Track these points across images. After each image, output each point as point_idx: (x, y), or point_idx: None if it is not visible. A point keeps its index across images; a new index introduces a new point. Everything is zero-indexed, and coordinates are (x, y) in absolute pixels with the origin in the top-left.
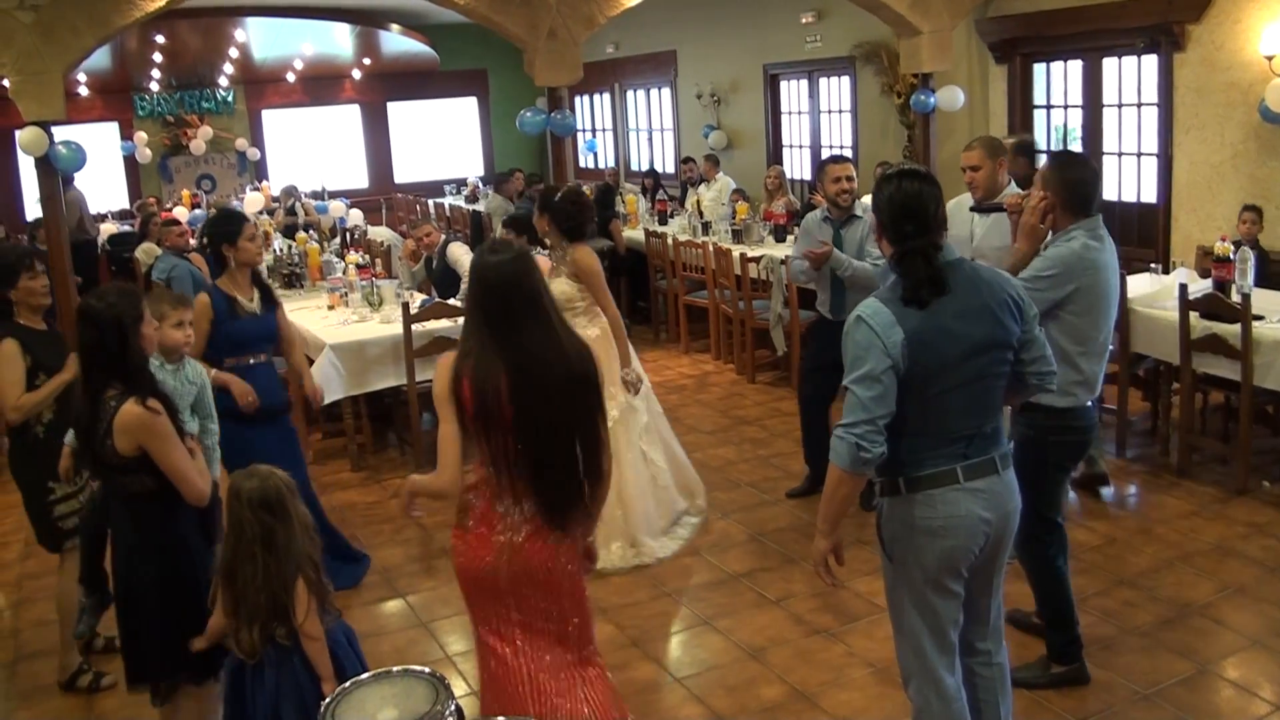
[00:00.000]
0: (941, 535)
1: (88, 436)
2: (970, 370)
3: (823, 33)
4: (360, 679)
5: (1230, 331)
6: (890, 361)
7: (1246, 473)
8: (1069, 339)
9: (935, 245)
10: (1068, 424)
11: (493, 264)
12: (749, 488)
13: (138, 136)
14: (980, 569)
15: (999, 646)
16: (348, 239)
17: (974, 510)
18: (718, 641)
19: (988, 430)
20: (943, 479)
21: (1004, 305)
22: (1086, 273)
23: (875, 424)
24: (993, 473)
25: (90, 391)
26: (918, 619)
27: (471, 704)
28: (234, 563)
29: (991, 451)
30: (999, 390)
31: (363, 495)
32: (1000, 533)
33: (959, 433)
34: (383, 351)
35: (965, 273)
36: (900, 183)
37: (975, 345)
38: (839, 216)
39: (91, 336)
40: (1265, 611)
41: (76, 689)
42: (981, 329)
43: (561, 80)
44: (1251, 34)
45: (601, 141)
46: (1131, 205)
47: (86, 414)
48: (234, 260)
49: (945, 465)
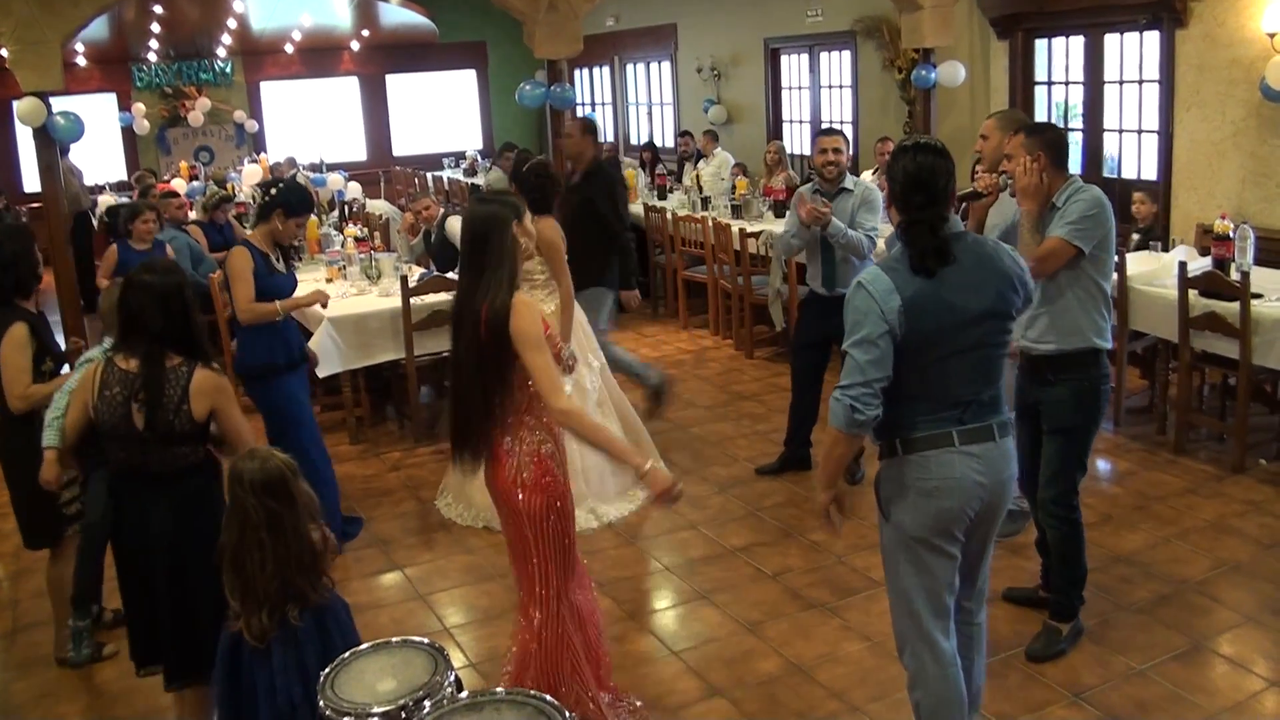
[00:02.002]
0: (936, 496)
1: (154, 408)
2: (968, 339)
3: (824, 7)
4: (359, 649)
5: (1229, 309)
6: (887, 327)
7: (1243, 450)
8: (1104, 277)
9: (942, 217)
10: (1108, 370)
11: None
12: (746, 462)
13: (136, 108)
14: (975, 533)
15: (980, 607)
16: (346, 212)
17: (968, 473)
18: (714, 615)
19: (985, 398)
20: (938, 441)
21: (1004, 278)
22: (1110, 212)
23: (870, 387)
24: (989, 439)
25: (153, 363)
26: (913, 581)
27: (470, 676)
28: (240, 550)
29: (989, 419)
30: (997, 360)
31: (361, 468)
32: (995, 498)
33: (956, 399)
34: (381, 325)
35: (967, 245)
36: (915, 155)
37: (973, 315)
38: (828, 189)
39: (156, 309)
40: (1260, 588)
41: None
42: (980, 300)
43: (561, 53)
44: (1254, 11)
45: (601, 115)
46: (1132, 182)
47: (154, 385)
48: (278, 226)
49: (941, 429)
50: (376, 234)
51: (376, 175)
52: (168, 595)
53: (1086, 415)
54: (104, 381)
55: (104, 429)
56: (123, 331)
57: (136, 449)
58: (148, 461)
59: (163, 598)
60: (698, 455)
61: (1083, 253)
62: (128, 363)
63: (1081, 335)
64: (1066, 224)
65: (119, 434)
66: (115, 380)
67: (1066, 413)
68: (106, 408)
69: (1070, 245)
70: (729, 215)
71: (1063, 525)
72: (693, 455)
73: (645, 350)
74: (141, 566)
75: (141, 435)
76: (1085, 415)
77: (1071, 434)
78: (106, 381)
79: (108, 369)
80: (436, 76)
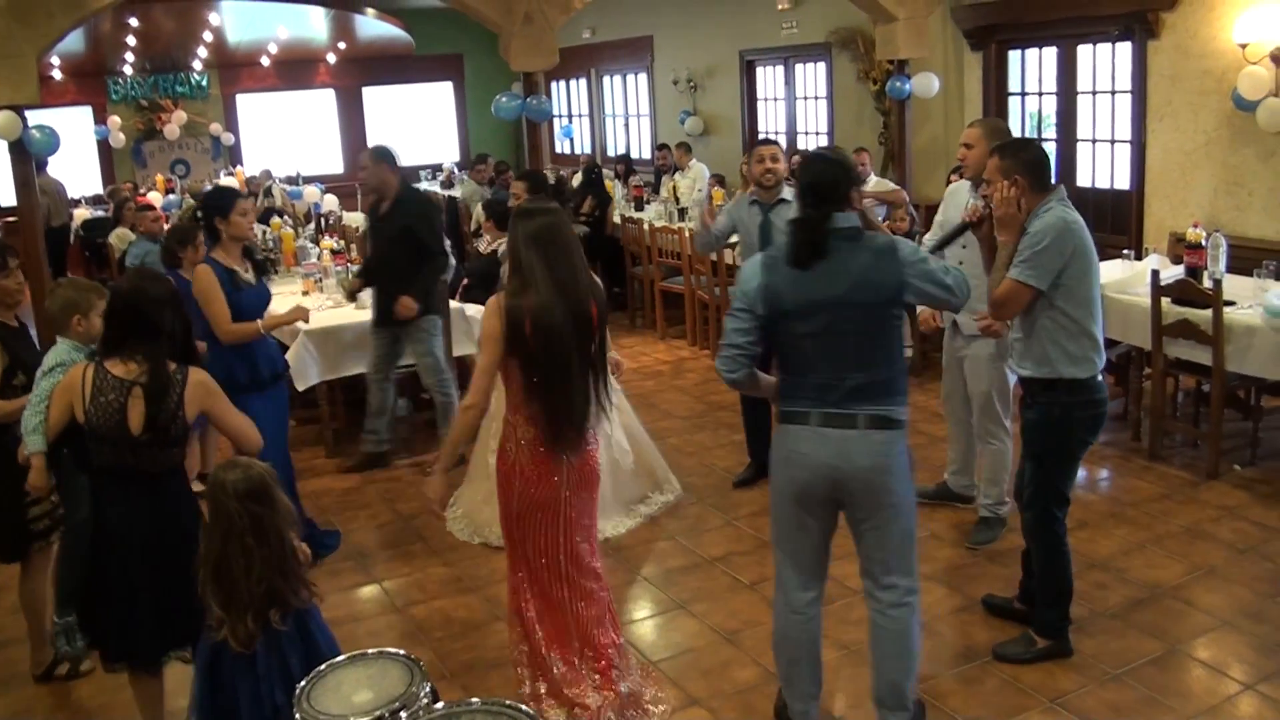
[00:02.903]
0: (789, 465)
1: (157, 412)
2: (817, 324)
3: (799, 19)
4: (335, 661)
5: (1202, 317)
6: (746, 303)
7: (1217, 456)
8: (1076, 306)
9: (825, 217)
10: (1090, 397)
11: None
12: (724, 473)
13: (111, 121)
14: (855, 513)
15: (896, 600)
16: (322, 224)
17: (819, 453)
18: (692, 625)
19: (854, 385)
20: (799, 418)
21: (886, 269)
22: (1075, 234)
23: (732, 350)
24: (850, 428)
25: (159, 369)
26: (778, 533)
27: (446, 687)
28: (224, 557)
29: (858, 408)
30: (868, 349)
31: (338, 481)
32: (855, 484)
33: (817, 380)
34: (358, 337)
35: (850, 239)
36: (810, 164)
37: (823, 300)
38: (766, 199)
39: (165, 315)
40: (1235, 593)
41: (54, 679)
42: (834, 288)
43: (537, 65)
44: (1225, 22)
45: (578, 127)
46: (1105, 192)
47: (161, 390)
48: (225, 233)
49: (803, 407)
50: (353, 246)
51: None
52: (148, 589)
53: (1053, 443)
54: (98, 387)
55: (96, 432)
56: (117, 338)
57: (127, 451)
58: (138, 463)
59: (141, 592)
60: (676, 465)
61: (1040, 290)
62: (125, 367)
63: (1050, 365)
64: (1019, 262)
65: (111, 437)
66: (110, 386)
67: (1033, 436)
68: (101, 413)
69: (1025, 287)
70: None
71: (1041, 545)
72: (671, 465)
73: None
74: (121, 564)
75: (135, 439)
76: (1052, 442)
77: (1041, 460)
78: (100, 388)
79: (99, 374)
80: (413, 89)
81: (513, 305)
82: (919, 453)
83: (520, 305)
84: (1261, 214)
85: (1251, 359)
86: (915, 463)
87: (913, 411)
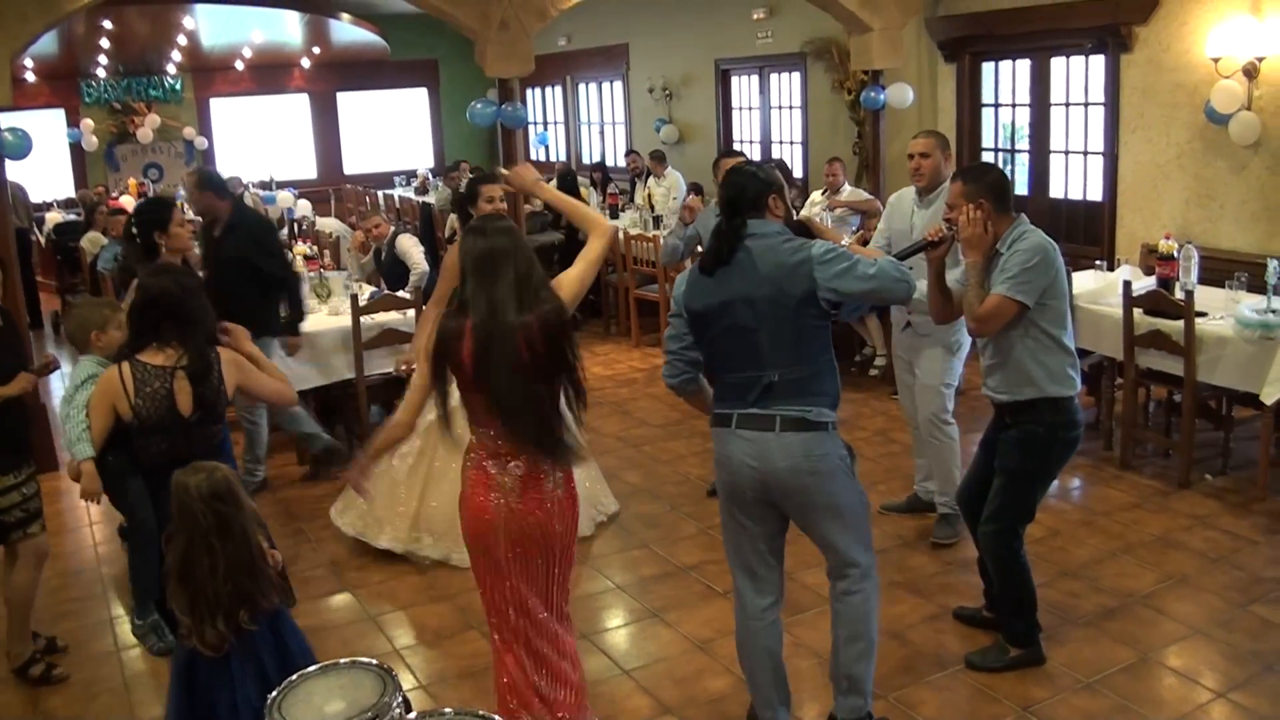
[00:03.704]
0: (720, 468)
1: (205, 387)
2: (726, 321)
3: (774, 29)
4: (307, 671)
5: (1174, 328)
6: (676, 308)
7: (1189, 466)
8: (1056, 325)
9: (738, 224)
10: (1073, 417)
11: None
12: (697, 481)
13: (84, 124)
14: (789, 510)
15: (848, 583)
16: (295, 230)
17: (740, 455)
18: (666, 633)
19: (770, 382)
20: (722, 420)
21: (789, 266)
22: (1057, 256)
23: (669, 356)
24: (768, 429)
25: (200, 349)
26: (725, 536)
27: (419, 697)
28: (189, 559)
29: (774, 408)
30: (775, 345)
31: (310, 488)
32: (776, 484)
33: (739, 380)
34: (331, 344)
35: (760, 244)
36: (730, 176)
37: (726, 299)
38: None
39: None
40: (1206, 601)
41: (29, 678)
42: (737, 289)
43: (513, 72)
44: (1198, 36)
45: (553, 134)
46: (1077, 203)
47: (206, 367)
48: (165, 247)
49: (727, 409)
50: (326, 252)
51: (327, 193)
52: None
53: (1035, 462)
54: (140, 380)
55: (146, 424)
56: (148, 329)
57: (181, 436)
58: (191, 444)
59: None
60: (650, 473)
61: (1028, 307)
62: (163, 355)
63: (1034, 385)
64: (1007, 279)
65: (164, 425)
66: (153, 375)
67: (1014, 455)
68: (150, 403)
69: (1013, 302)
70: None
71: (997, 560)
72: (645, 473)
73: (597, 369)
74: None
75: (187, 420)
76: (1033, 461)
77: (1016, 477)
78: (143, 379)
79: (137, 368)
80: (387, 94)
81: (445, 325)
82: (891, 461)
83: (454, 325)
84: (1233, 226)
85: (1222, 370)
86: (856, 459)
87: (885, 420)
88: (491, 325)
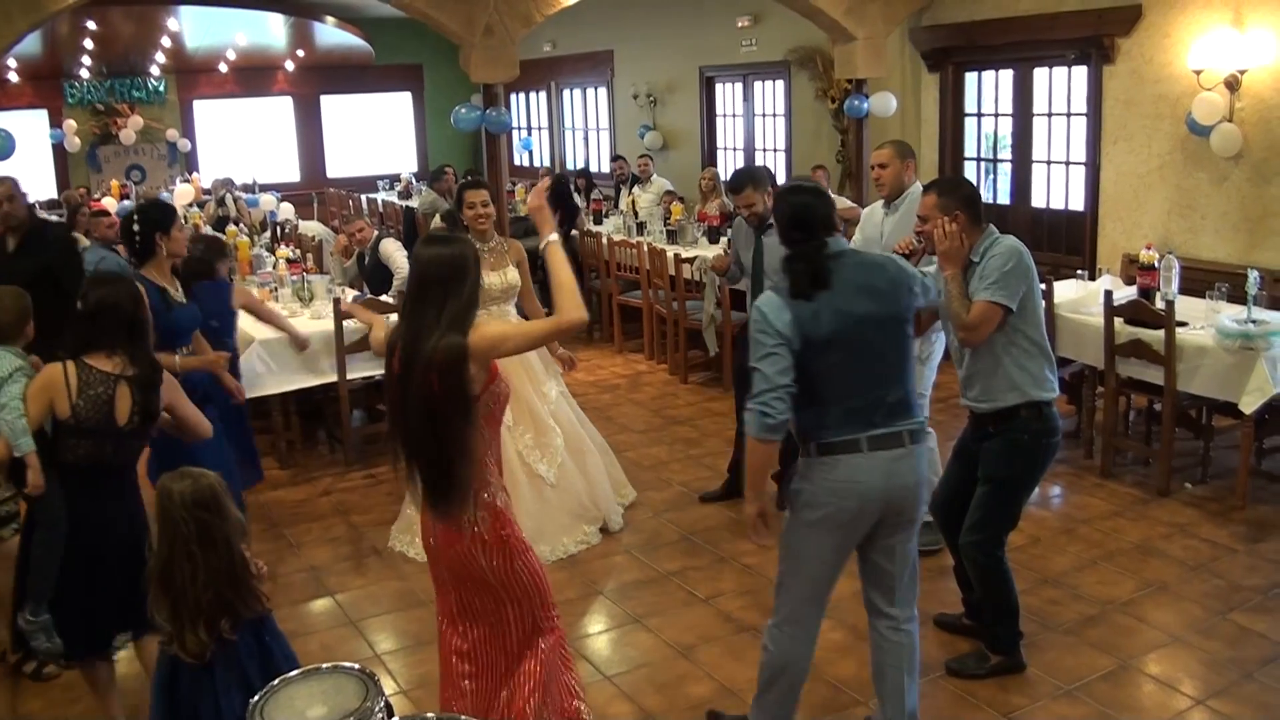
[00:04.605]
0: (839, 496)
1: (150, 399)
2: (858, 343)
3: (758, 37)
4: (289, 676)
5: (1154, 337)
6: (782, 338)
7: (1168, 475)
8: (1035, 328)
9: (820, 245)
10: (1054, 424)
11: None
12: (680, 487)
13: (67, 125)
14: (880, 535)
15: (908, 613)
16: (278, 233)
17: (870, 479)
18: (647, 639)
19: (891, 400)
20: (849, 447)
21: (891, 281)
22: (1029, 259)
23: (776, 391)
24: (899, 445)
25: (147, 359)
26: (800, 569)
27: (401, 702)
28: (170, 565)
29: (900, 424)
30: (895, 362)
31: (291, 493)
32: (900, 504)
33: (863, 403)
34: (313, 347)
35: (850, 260)
36: (789, 197)
37: (858, 319)
38: (756, 223)
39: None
40: (1185, 609)
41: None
42: (864, 305)
43: (497, 77)
44: (1180, 49)
45: (537, 140)
46: (1059, 213)
47: (153, 379)
48: (165, 250)
49: (851, 434)
50: (309, 256)
51: (310, 196)
52: (120, 577)
53: (1021, 468)
54: (85, 382)
55: (81, 426)
56: (95, 334)
57: (110, 442)
58: (116, 454)
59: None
60: (632, 479)
61: (1012, 310)
62: (110, 362)
63: (1018, 390)
64: (988, 284)
65: (98, 430)
66: (98, 380)
67: (1000, 463)
68: (90, 406)
69: (998, 306)
70: (664, 241)
71: (980, 570)
72: (628, 479)
73: (581, 374)
74: (93, 557)
75: (120, 430)
76: (1020, 468)
77: (1002, 485)
78: (88, 382)
79: (83, 370)
80: (372, 98)
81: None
82: None
83: (394, 337)
84: (1213, 236)
85: (1202, 379)
86: None
87: None
88: (413, 347)
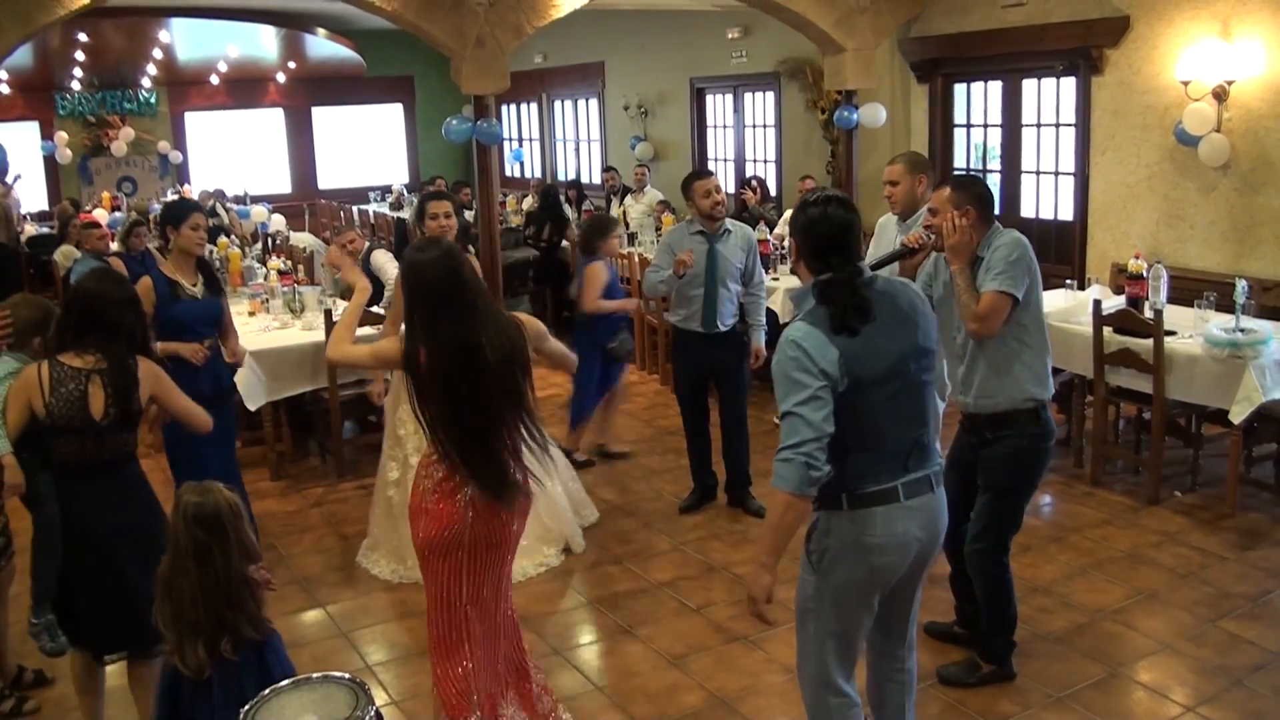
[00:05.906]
0: (877, 552)
1: (122, 395)
2: (900, 380)
3: (748, 48)
4: (279, 686)
5: (1143, 346)
6: (828, 380)
7: (1158, 483)
8: (1037, 326)
9: (859, 272)
10: (1049, 428)
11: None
12: (671, 497)
13: (58, 136)
14: (902, 586)
15: (910, 654)
16: (269, 244)
17: (910, 529)
18: (638, 649)
19: (924, 441)
20: (886, 497)
21: (918, 310)
22: (1031, 251)
23: (821, 442)
24: (928, 490)
25: (119, 356)
26: (828, 629)
27: (393, 713)
28: (171, 574)
29: (927, 468)
30: (927, 398)
31: (282, 504)
32: (928, 550)
33: (899, 446)
34: (304, 359)
35: (879, 289)
36: (827, 210)
37: (901, 354)
38: (713, 230)
39: (128, 310)
40: (1175, 616)
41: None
42: (905, 338)
43: (488, 89)
44: (1168, 60)
45: (528, 151)
46: (1048, 223)
47: (124, 375)
48: (173, 244)
49: (888, 482)
50: (300, 267)
51: (301, 208)
52: (124, 573)
53: (1024, 474)
54: (56, 379)
55: (58, 424)
56: (74, 333)
57: (91, 440)
58: (101, 450)
59: (118, 577)
60: (624, 489)
61: (1018, 300)
62: (81, 359)
63: (1020, 389)
64: (995, 275)
65: (75, 427)
66: (69, 377)
67: (1003, 471)
68: (63, 403)
69: (1006, 295)
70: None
71: (989, 579)
72: (618, 490)
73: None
74: (97, 555)
75: (98, 425)
76: (1023, 474)
77: (1006, 492)
78: (60, 379)
79: (56, 368)
80: (363, 110)
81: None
82: None
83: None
84: (1202, 246)
85: (1191, 387)
86: None
87: None
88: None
